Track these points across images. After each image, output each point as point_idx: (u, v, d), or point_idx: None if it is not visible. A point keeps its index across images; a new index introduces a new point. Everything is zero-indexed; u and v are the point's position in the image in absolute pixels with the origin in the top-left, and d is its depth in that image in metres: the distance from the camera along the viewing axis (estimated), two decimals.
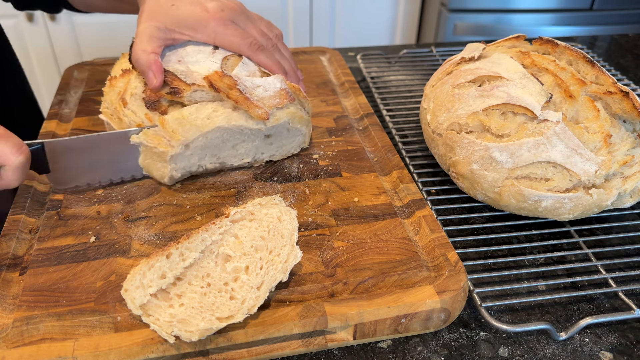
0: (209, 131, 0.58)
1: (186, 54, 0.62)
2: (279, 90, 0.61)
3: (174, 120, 0.57)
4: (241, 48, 0.63)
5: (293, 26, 2.01)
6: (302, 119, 0.64)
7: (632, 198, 0.58)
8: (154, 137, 0.58)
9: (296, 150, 0.68)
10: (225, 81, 0.58)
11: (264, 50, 0.64)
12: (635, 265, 0.58)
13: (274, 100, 0.60)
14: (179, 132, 0.57)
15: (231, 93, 0.57)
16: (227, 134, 0.60)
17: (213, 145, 0.61)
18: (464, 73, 0.64)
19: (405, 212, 0.59)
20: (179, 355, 0.44)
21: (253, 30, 0.65)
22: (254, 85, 0.60)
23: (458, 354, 0.49)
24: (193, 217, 0.57)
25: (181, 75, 0.59)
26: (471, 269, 0.56)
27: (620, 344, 0.50)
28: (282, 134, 0.64)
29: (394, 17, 2.06)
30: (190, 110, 0.58)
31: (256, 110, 0.58)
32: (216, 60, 0.62)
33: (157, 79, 0.58)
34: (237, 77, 0.59)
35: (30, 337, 0.44)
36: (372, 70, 0.96)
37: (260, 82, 0.61)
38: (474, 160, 0.58)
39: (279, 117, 0.61)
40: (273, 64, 0.64)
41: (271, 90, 0.61)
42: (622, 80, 0.90)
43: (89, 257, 0.52)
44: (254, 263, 0.48)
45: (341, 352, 0.49)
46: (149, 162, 0.60)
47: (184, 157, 0.60)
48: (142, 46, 0.59)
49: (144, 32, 0.60)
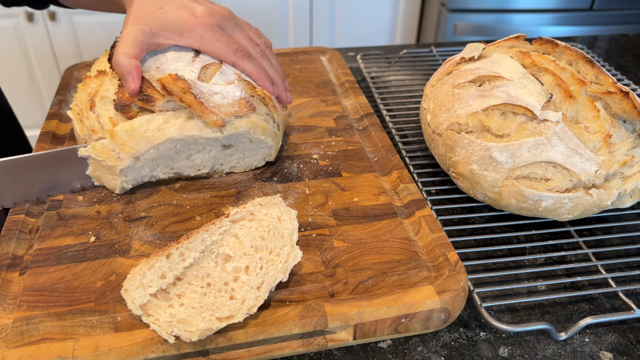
0: (160, 143, 0.56)
1: (165, 61, 0.60)
2: (238, 98, 0.59)
3: (123, 132, 0.56)
4: (227, 54, 0.62)
5: (293, 26, 2.01)
6: (265, 129, 0.61)
7: (632, 198, 0.58)
8: (102, 150, 0.56)
9: (260, 164, 0.65)
10: (179, 84, 0.56)
11: (249, 57, 0.63)
12: (635, 265, 0.58)
13: (232, 108, 0.58)
14: (129, 144, 0.55)
15: (184, 97, 0.56)
16: (180, 145, 0.59)
17: (165, 156, 0.59)
18: (464, 73, 0.64)
19: (405, 212, 0.59)
20: (179, 355, 0.44)
21: (240, 36, 0.64)
22: (211, 92, 0.58)
23: (458, 354, 0.49)
24: (193, 217, 0.57)
25: (156, 84, 0.58)
26: (471, 269, 0.56)
27: (620, 344, 0.50)
28: (244, 145, 0.62)
29: (394, 17, 2.06)
30: (141, 121, 0.56)
31: (211, 116, 0.56)
32: (194, 69, 0.60)
33: (136, 84, 0.57)
34: (192, 82, 0.57)
35: (30, 337, 0.44)
36: (372, 70, 0.96)
37: (219, 90, 0.58)
38: (474, 160, 0.58)
39: (237, 125, 0.58)
40: (259, 72, 0.63)
41: (230, 98, 0.59)
42: (622, 80, 0.90)
43: (89, 257, 0.52)
44: (254, 263, 0.48)
45: (341, 352, 0.49)
46: (99, 174, 0.59)
47: (135, 169, 0.58)
48: (125, 49, 0.58)
49: (128, 35, 0.59)
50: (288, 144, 0.70)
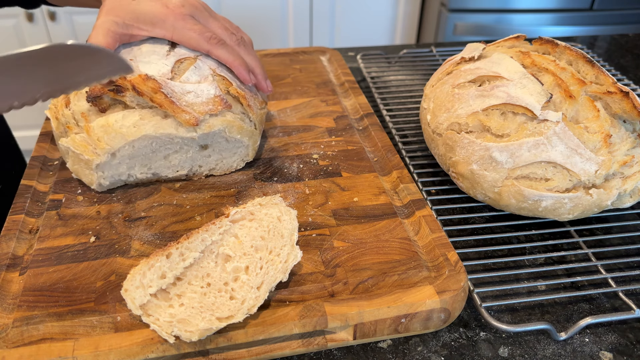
0: (135, 140, 0.56)
1: (140, 54, 0.60)
2: (212, 96, 0.58)
3: (99, 128, 0.55)
4: (200, 43, 0.61)
5: (293, 26, 2.01)
6: (241, 128, 0.60)
7: (632, 198, 0.58)
8: (80, 143, 0.56)
9: (240, 165, 0.65)
10: (149, 84, 0.55)
11: (224, 45, 0.62)
12: (635, 265, 0.58)
13: (206, 107, 0.57)
14: (104, 140, 0.55)
15: (155, 97, 0.55)
16: (157, 144, 0.58)
17: (142, 154, 0.59)
18: (464, 73, 0.64)
19: (405, 212, 0.59)
20: (179, 355, 0.44)
21: (214, 25, 0.63)
22: (183, 90, 0.57)
23: (458, 354, 0.49)
24: (193, 217, 0.57)
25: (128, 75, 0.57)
26: (471, 269, 0.56)
27: (620, 344, 0.50)
28: (221, 145, 0.62)
29: (394, 17, 2.06)
30: (117, 117, 0.56)
31: (183, 115, 0.55)
32: (168, 62, 0.59)
33: None
34: (163, 81, 0.56)
35: (30, 337, 0.44)
36: (372, 70, 0.96)
37: (192, 88, 0.58)
38: (474, 160, 0.58)
39: (212, 124, 0.58)
40: (234, 59, 0.62)
41: (204, 96, 0.58)
42: (622, 80, 0.90)
43: (89, 257, 0.52)
44: (254, 263, 0.48)
45: (341, 352, 0.49)
46: (77, 168, 0.59)
47: (111, 165, 0.58)
48: (97, 39, 0.58)
49: (101, 26, 0.59)
50: (288, 144, 0.70)
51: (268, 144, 0.70)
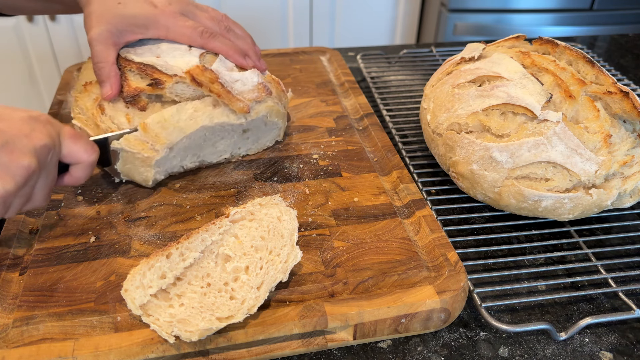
0: (192, 132, 0.58)
1: (161, 52, 0.61)
2: (256, 84, 0.62)
3: (155, 124, 0.56)
4: (193, 38, 0.62)
5: (293, 26, 2.01)
6: (279, 112, 0.65)
7: (632, 198, 0.58)
8: (135, 142, 0.57)
9: (271, 143, 0.69)
10: (207, 75, 0.58)
11: (216, 36, 0.63)
12: (635, 265, 0.58)
13: (252, 94, 0.61)
14: (163, 135, 0.57)
15: (213, 87, 0.58)
16: (209, 133, 0.61)
17: (195, 145, 0.61)
18: (464, 73, 0.64)
19: (405, 212, 0.59)
20: (179, 355, 0.44)
21: (203, 18, 0.64)
22: (232, 79, 0.60)
23: (458, 354, 0.49)
24: (193, 217, 0.57)
25: (161, 68, 0.59)
26: (471, 269, 0.56)
27: (620, 344, 0.50)
28: (260, 128, 0.65)
29: (394, 17, 2.06)
30: (172, 112, 0.57)
31: (238, 104, 0.59)
32: (194, 56, 0.61)
33: (113, 91, 0.58)
34: (217, 71, 0.59)
35: (30, 337, 0.44)
36: (372, 70, 0.96)
37: (239, 77, 0.61)
38: (474, 160, 0.58)
39: (258, 110, 0.62)
40: (229, 48, 0.63)
41: (249, 84, 0.61)
42: (622, 80, 0.90)
43: (89, 257, 0.52)
44: (254, 263, 0.48)
45: (341, 352, 0.49)
46: (130, 167, 0.59)
47: (168, 159, 0.60)
48: (101, 58, 0.59)
49: (98, 41, 0.59)
50: (288, 144, 0.70)
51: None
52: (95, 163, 0.52)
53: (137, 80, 0.59)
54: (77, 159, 0.51)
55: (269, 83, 0.64)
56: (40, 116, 0.48)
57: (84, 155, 0.51)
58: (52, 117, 0.49)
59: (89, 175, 0.53)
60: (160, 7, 0.61)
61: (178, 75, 0.58)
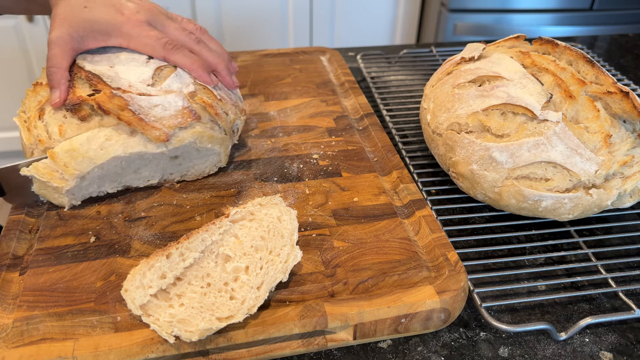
0: (104, 162, 0.54)
1: (118, 62, 0.58)
2: (180, 108, 0.56)
3: (64, 153, 0.53)
4: (155, 49, 0.59)
5: (293, 26, 2.01)
6: (212, 138, 0.59)
7: (632, 198, 0.58)
8: (45, 171, 0.54)
9: (213, 170, 0.64)
10: (115, 102, 0.53)
11: (179, 49, 0.60)
12: (635, 265, 0.58)
13: (175, 120, 0.56)
14: (72, 165, 0.53)
15: (123, 114, 0.53)
16: (126, 161, 0.57)
17: (112, 172, 0.57)
18: (464, 73, 0.64)
19: (405, 212, 0.59)
20: (179, 355, 0.44)
21: (171, 29, 0.61)
22: (150, 104, 0.55)
23: (458, 354, 0.49)
24: (193, 217, 0.57)
25: (107, 79, 0.56)
26: (471, 269, 0.56)
27: (620, 344, 0.50)
28: (191, 154, 0.60)
29: (394, 17, 2.06)
30: (81, 140, 0.53)
31: (153, 132, 0.54)
32: (149, 68, 0.58)
33: (61, 99, 0.56)
34: (129, 97, 0.54)
35: (30, 337, 0.44)
36: (372, 70, 0.96)
37: (159, 101, 0.56)
38: (474, 160, 0.58)
39: (182, 137, 0.56)
40: (191, 63, 0.59)
41: (172, 109, 0.56)
42: (622, 80, 0.90)
43: (89, 257, 0.52)
44: (254, 263, 0.48)
45: (341, 352, 0.49)
46: (45, 192, 0.56)
47: (81, 187, 0.57)
48: (55, 62, 0.57)
49: (56, 44, 0.57)
50: (288, 144, 0.70)
51: (268, 144, 0.70)
52: None
53: (84, 89, 0.56)
54: None
55: (198, 106, 0.59)
56: None
57: None
58: None
59: None
60: (126, 15, 0.59)
61: (121, 88, 0.55)
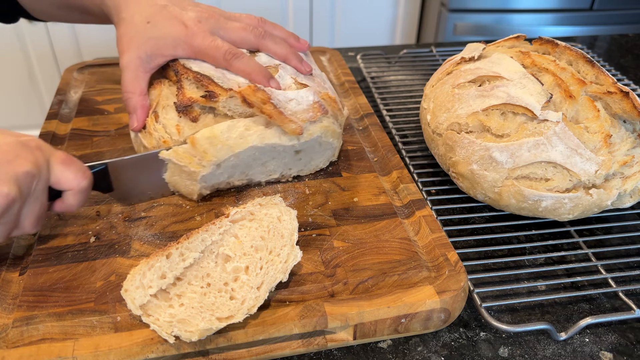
0: (241, 151, 0.55)
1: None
2: (312, 103, 0.58)
3: (204, 140, 0.54)
4: (218, 61, 0.59)
5: (293, 26, 2.01)
6: (334, 132, 0.61)
7: (632, 198, 0.58)
8: (184, 155, 0.55)
9: (324, 165, 0.64)
10: (258, 95, 0.55)
11: (237, 58, 0.59)
12: (635, 265, 0.58)
13: (307, 114, 0.57)
14: (210, 152, 0.54)
15: (265, 108, 0.55)
16: (259, 152, 0.58)
17: (244, 163, 0.58)
18: (464, 73, 0.64)
19: (405, 212, 0.59)
20: (179, 355, 0.44)
21: (232, 31, 0.61)
22: (286, 98, 0.57)
23: (458, 354, 0.49)
24: (193, 217, 0.57)
25: (218, 80, 0.57)
26: (471, 269, 0.56)
27: (620, 344, 0.50)
28: (314, 149, 0.61)
29: (394, 17, 2.06)
30: (222, 128, 0.54)
31: (290, 125, 0.55)
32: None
33: (139, 124, 0.58)
34: (270, 91, 0.56)
35: (30, 337, 0.44)
36: (372, 70, 0.96)
37: (293, 95, 0.58)
38: (474, 160, 0.58)
39: (312, 131, 0.58)
40: (251, 70, 0.59)
41: (304, 103, 0.58)
42: (622, 80, 0.90)
43: (89, 257, 0.52)
44: (254, 263, 0.48)
45: (341, 352, 0.49)
46: (177, 179, 0.58)
47: (214, 175, 0.58)
48: (128, 87, 0.58)
49: (128, 69, 0.58)
50: None
51: None
52: (87, 189, 0.51)
53: (192, 90, 0.57)
54: (67, 185, 0.49)
55: (325, 101, 0.60)
56: (29, 141, 0.46)
57: (74, 182, 0.49)
58: (44, 142, 0.48)
59: (83, 202, 0.51)
60: (189, 26, 0.59)
61: (233, 89, 0.56)
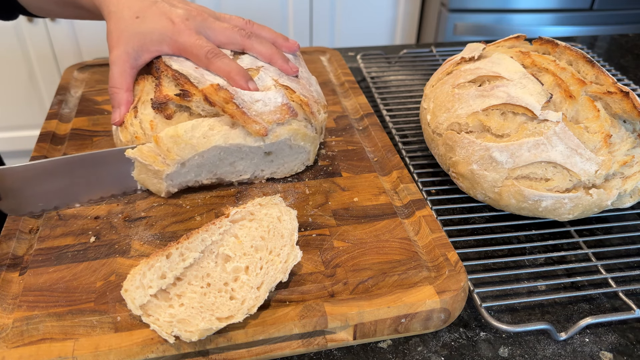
0: (204, 150, 0.56)
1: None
2: (280, 105, 0.58)
3: (168, 139, 0.55)
4: (199, 59, 0.59)
5: (293, 26, 2.01)
6: (305, 135, 0.60)
7: (632, 198, 0.58)
8: (149, 154, 0.56)
9: (300, 169, 0.64)
10: (221, 95, 0.55)
11: (218, 57, 0.59)
12: (635, 265, 0.58)
13: (274, 116, 0.57)
14: (174, 151, 0.55)
15: (227, 107, 0.55)
16: (225, 152, 0.58)
17: (210, 163, 0.59)
18: (464, 73, 0.64)
19: (405, 212, 0.59)
20: (179, 355, 0.44)
21: (219, 31, 0.62)
22: (252, 99, 0.57)
23: (458, 354, 0.49)
24: (193, 217, 0.57)
25: (194, 80, 0.57)
26: (471, 269, 0.56)
27: (620, 344, 0.50)
28: (284, 151, 0.61)
29: (394, 17, 2.06)
30: (186, 127, 0.55)
31: (254, 126, 0.55)
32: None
33: (120, 119, 0.59)
34: (234, 91, 0.56)
35: (30, 337, 0.44)
36: (372, 70, 0.96)
37: (260, 97, 0.57)
38: (474, 160, 0.58)
39: (279, 133, 0.58)
40: (229, 70, 0.58)
41: (271, 105, 0.58)
42: (622, 80, 0.90)
43: (89, 257, 0.52)
44: (254, 263, 0.48)
45: (341, 352, 0.49)
46: (144, 177, 0.58)
47: (180, 174, 0.58)
48: (115, 82, 0.59)
49: (116, 64, 0.59)
50: None
51: None
52: None
53: (170, 88, 0.58)
54: None
55: (295, 104, 0.60)
56: None
57: None
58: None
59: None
60: (177, 23, 0.60)
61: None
